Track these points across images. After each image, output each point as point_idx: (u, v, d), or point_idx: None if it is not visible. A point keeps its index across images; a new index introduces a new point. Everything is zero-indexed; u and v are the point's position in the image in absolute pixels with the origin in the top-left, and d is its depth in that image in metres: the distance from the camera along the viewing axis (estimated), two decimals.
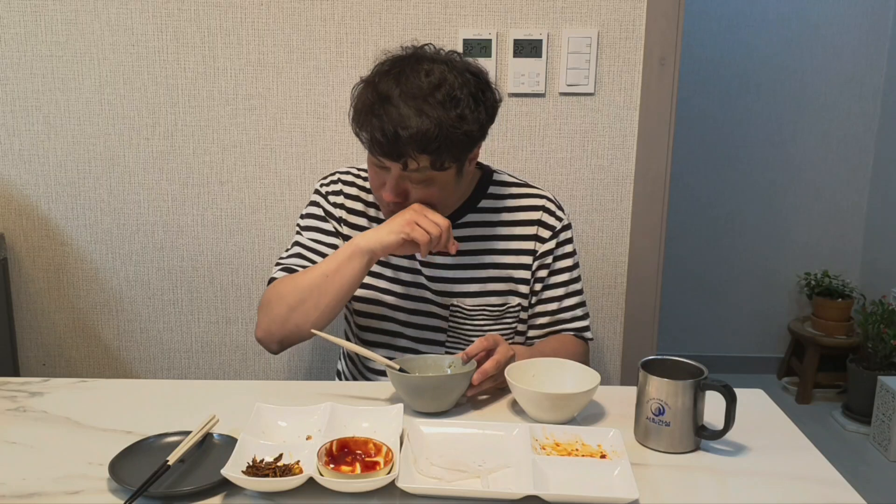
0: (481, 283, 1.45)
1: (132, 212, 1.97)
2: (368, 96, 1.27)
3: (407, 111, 1.23)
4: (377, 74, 1.29)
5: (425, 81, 1.25)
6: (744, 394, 1.19)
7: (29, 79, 1.89)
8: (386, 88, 1.26)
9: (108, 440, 1.12)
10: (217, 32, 1.87)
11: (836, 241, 3.41)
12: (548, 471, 1.04)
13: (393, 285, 1.47)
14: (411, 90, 1.24)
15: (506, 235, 1.46)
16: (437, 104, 1.24)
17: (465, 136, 1.27)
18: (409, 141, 1.23)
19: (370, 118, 1.26)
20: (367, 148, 1.31)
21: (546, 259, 1.47)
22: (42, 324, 2.03)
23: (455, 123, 1.25)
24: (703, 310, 3.51)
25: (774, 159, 3.36)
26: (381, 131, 1.24)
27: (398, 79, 1.26)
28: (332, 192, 1.49)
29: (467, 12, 1.86)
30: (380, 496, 1.00)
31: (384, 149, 1.26)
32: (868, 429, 2.87)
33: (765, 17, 3.24)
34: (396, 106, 1.24)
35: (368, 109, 1.26)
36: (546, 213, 1.47)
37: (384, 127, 1.24)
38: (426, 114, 1.23)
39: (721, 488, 1.06)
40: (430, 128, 1.23)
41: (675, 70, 1.89)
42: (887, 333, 2.87)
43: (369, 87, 1.28)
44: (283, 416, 1.16)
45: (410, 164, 1.26)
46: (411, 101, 1.24)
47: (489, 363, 1.23)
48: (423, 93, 1.24)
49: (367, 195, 1.48)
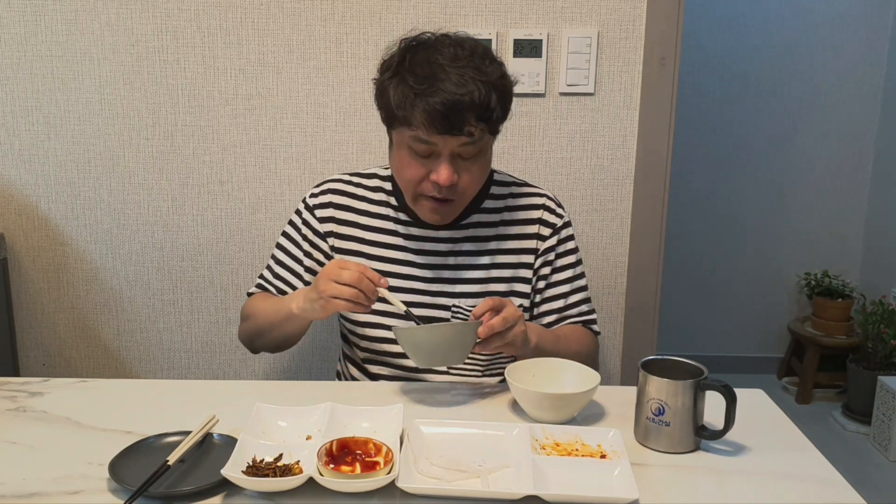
0: (482, 283, 1.45)
1: (132, 212, 1.97)
2: (407, 81, 1.26)
3: (458, 79, 1.23)
4: (400, 65, 1.28)
5: (457, 51, 1.26)
6: (744, 394, 1.19)
7: (29, 79, 1.89)
8: (423, 68, 1.25)
9: (108, 440, 1.12)
10: (217, 32, 1.87)
11: (836, 241, 3.42)
12: (548, 471, 1.04)
13: (395, 280, 1.45)
14: (454, 60, 1.25)
15: (507, 235, 1.46)
16: (481, 66, 1.26)
17: (510, 93, 1.31)
18: (471, 106, 1.24)
19: (420, 99, 1.24)
20: (420, 135, 1.27)
21: (549, 256, 1.47)
22: (42, 324, 2.03)
23: (502, 79, 1.28)
24: (703, 310, 3.51)
25: (774, 159, 3.36)
26: (440, 105, 1.23)
27: (428, 58, 1.26)
28: (319, 206, 1.47)
29: (467, 12, 1.86)
30: (380, 496, 1.00)
31: (446, 123, 1.24)
32: (868, 429, 2.87)
33: (765, 17, 3.24)
34: (445, 77, 1.23)
35: (414, 93, 1.24)
36: (546, 211, 1.48)
37: (442, 100, 1.23)
38: (477, 77, 1.24)
39: (721, 488, 1.06)
40: (487, 88, 1.25)
41: (675, 70, 1.89)
42: (887, 333, 2.87)
43: (400, 77, 1.27)
44: (283, 416, 1.16)
45: (474, 132, 1.26)
46: (458, 70, 1.24)
47: (496, 319, 1.24)
48: (464, 60, 1.25)
49: (359, 202, 1.47)
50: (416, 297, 1.44)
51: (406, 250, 1.44)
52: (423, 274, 1.44)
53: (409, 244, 1.44)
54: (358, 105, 1.91)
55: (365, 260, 1.44)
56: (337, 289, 1.23)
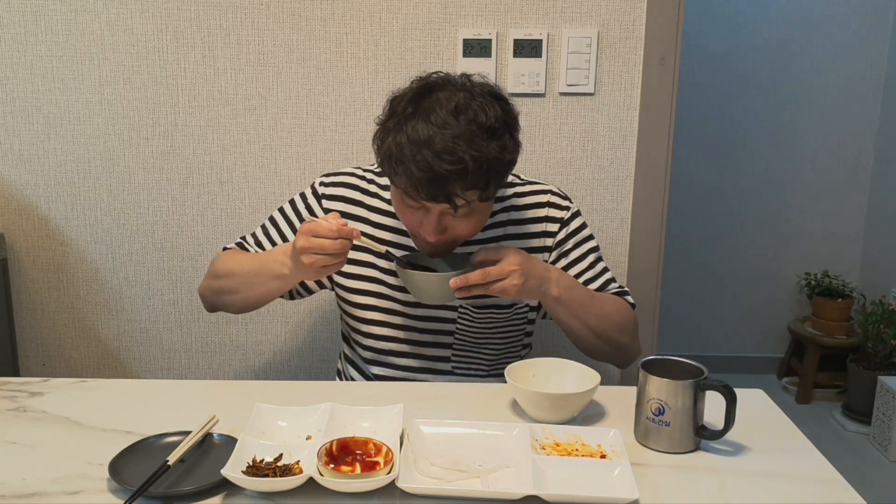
0: None
1: (132, 212, 1.97)
2: (399, 139, 1.21)
3: (447, 149, 1.17)
4: (401, 115, 1.23)
5: (456, 116, 1.20)
6: (744, 394, 1.19)
7: (29, 79, 1.89)
8: (417, 128, 1.20)
9: (108, 440, 1.12)
10: (217, 32, 1.87)
11: (836, 241, 3.42)
12: (548, 471, 1.04)
13: (395, 292, 1.44)
14: (445, 127, 1.19)
15: (514, 234, 1.44)
16: (476, 138, 1.19)
17: (510, 164, 1.26)
18: (458, 179, 1.19)
19: (407, 162, 1.19)
20: (408, 193, 1.24)
21: (562, 248, 1.44)
22: (42, 324, 2.03)
23: (498, 154, 1.21)
24: (704, 310, 3.51)
25: (775, 159, 3.36)
26: (424, 174, 1.18)
27: (427, 117, 1.20)
28: (330, 197, 1.45)
29: (467, 12, 1.86)
30: (380, 496, 1.00)
31: (429, 192, 1.20)
32: (868, 429, 2.87)
33: (765, 16, 3.24)
34: (433, 145, 1.18)
35: (402, 154, 1.20)
36: (551, 207, 1.45)
37: (426, 169, 1.18)
38: (468, 150, 1.18)
39: (721, 488, 1.06)
40: (476, 164, 1.18)
41: (675, 70, 1.89)
42: (887, 333, 2.87)
43: (396, 130, 1.22)
44: (283, 416, 1.16)
45: (458, 202, 1.22)
46: (449, 139, 1.18)
47: (475, 274, 1.26)
48: (459, 129, 1.19)
49: (371, 199, 1.45)
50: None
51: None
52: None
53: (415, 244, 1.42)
54: (358, 105, 1.91)
55: (366, 260, 1.44)
56: (318, 242, 1.21)
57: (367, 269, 1.45)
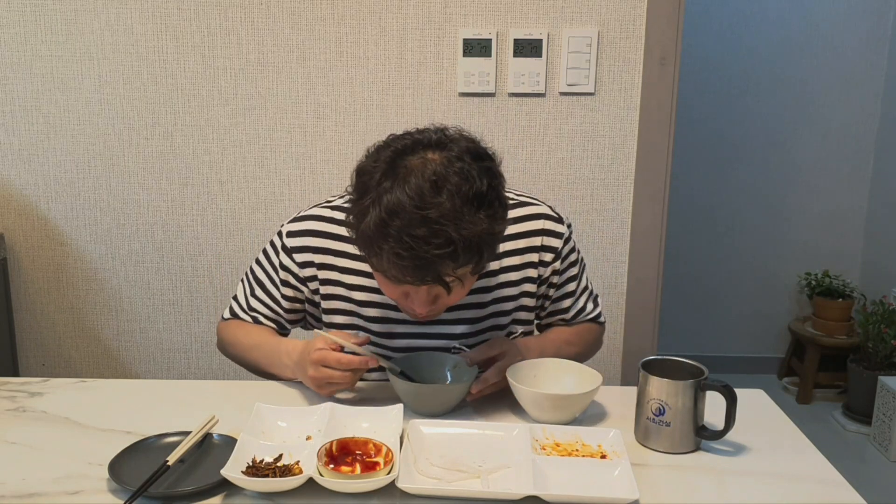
0: (483, 321, 1.38)
1: (132, 212, 1.97)
2: (377, 220, 1.07)
3: (433, 232, 1.05)
4: (375, 192, 1.09)
5: (437, 191, 1.06)
6: (744, 394, 1.19)
7: (29, 79, 1.89)
8: (396, 208, 1.06)
9: (107, 440, 1.12)
10: (217, 32, 1.87)
11: (836, 241, 3.41)
12: (548, 471, 1.04)
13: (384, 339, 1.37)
14: (427, 207, 1.05)
15: (509, 267, 1.37)
16: (464, 214, 1.07)
17: (500, 234, 1.15)
18: (449, 259, 1.07)
19: (389, 247, 1.07)
20: (389, 277, 1.13)
21: (554, 278, 1.39)
22: (42, 324, 2.03)
23: (489, 228, 1.09)
24: (704, 310, 3.51)
25: (775, 159, 3.35)
26: (410, 259, 1.06)
27: (403, 190, 1.07)
28: (297, 249, 1.34)
29: (467, 12, 1.85)
30: (380, 496, 1.00)
31: (417, 275, 1.09)
32: (868, 429, 2.87)
33: (765, 17, 3.24)
34: (416, 228, 1.05)
35: (383, 236, 1.07)
36: (547, 235, 1.36)
37: (411, 255, 1.06)
38: (456, 230, 1.06)
39: (721, 488, 1.06)
40: (466, 243, 1.07)
41: (675, 70, 1.89)
42: (888, 333, 2.86)
43: (373, 208, 1.08)
44: (282, 416, 1.16)
45: (449, 280, 1.11)
46: (434, 220, 1.05)
47: (491, 371, 1.22)
48: (442, 207, 1.06)
49: (337, 243, 1.33)
50: (415, 342, 1.36)
51: None
52: (419, 328, 1.35)
53: None
54: (358, 105, 1.91)
55: (354, 306, 1.35)
56: (327, 373, 1.20)
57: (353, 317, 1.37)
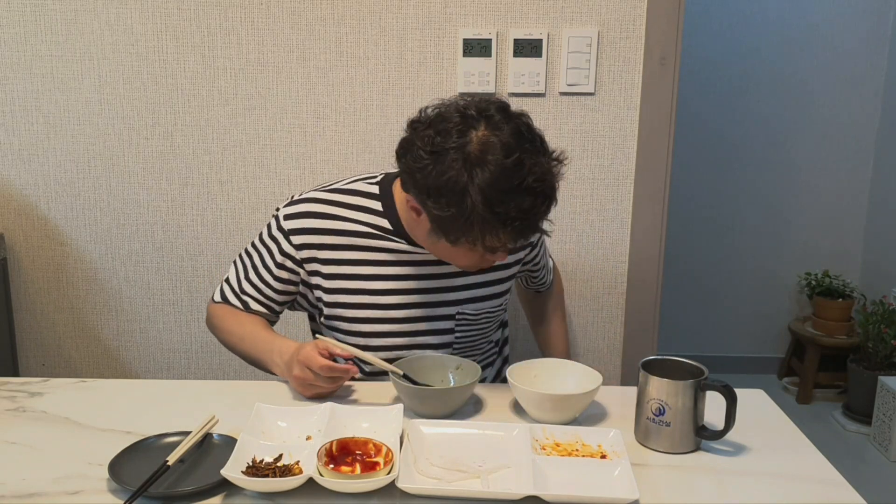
0: (485, 287, 1.42)
1: (132, 212, 1.97)
2: (483, 210, 1.13)
3: (533, 198, 1.14)
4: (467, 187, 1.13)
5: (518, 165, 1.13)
6: (744, 394, 1.19)
7: (29, 79, 1.89)
8: (494, 193, 1.13)
9: (108, 440, 1.12)
10: (217, 32, 1.87)
11: (836, 241, 3.41)
12: (548, 471, 1.04)
13: (390, 312, 1.39)
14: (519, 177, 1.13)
15: None
16: (540, 158, 1.15)
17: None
18: (546, 214, 1.18)
19: (506, 230, 1.15)
20: (493, 250, 1.20)
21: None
22: (42, 324, 2.03)
23: (557, 166, 1.19)
24: (704, 310, 3.51)
25: (775, 159, 3.35)
26: (527, 231, 1.17)
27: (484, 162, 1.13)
28: (294, 231, 1.36)
29: (467, 12, 1.85)
30: (380, 496, 1.00)
31: (528, 238, 1.20)
32: (868, 429, 2.87)
33: (765, 17, 3.24)
34: (522, 202, 1.13)
35: (498, 219, 1.14)
36: None
37: (525, 226, 1.16)
38: (550, 186, 1.16)
39: (721, 488, 1.06)
40: (554, 190, 1.17)
41: (675, 70, 1.89)
42: (888, 333, 2.86)
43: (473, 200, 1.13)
44: (282, 416, 1.16)
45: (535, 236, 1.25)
46: (530, 189, 1.13)
47: None
48: (536, 169, 1.14)
49: (334, 222, 1.36)
50: (418, 311, 1.38)
51: (400, 264, 1.37)
52: (422, 286, 1.38)
53: (403, 258, 1.37)
54: (357, 105, 1.91)
55: (358, 281, 1.37)
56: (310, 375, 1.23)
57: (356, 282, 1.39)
